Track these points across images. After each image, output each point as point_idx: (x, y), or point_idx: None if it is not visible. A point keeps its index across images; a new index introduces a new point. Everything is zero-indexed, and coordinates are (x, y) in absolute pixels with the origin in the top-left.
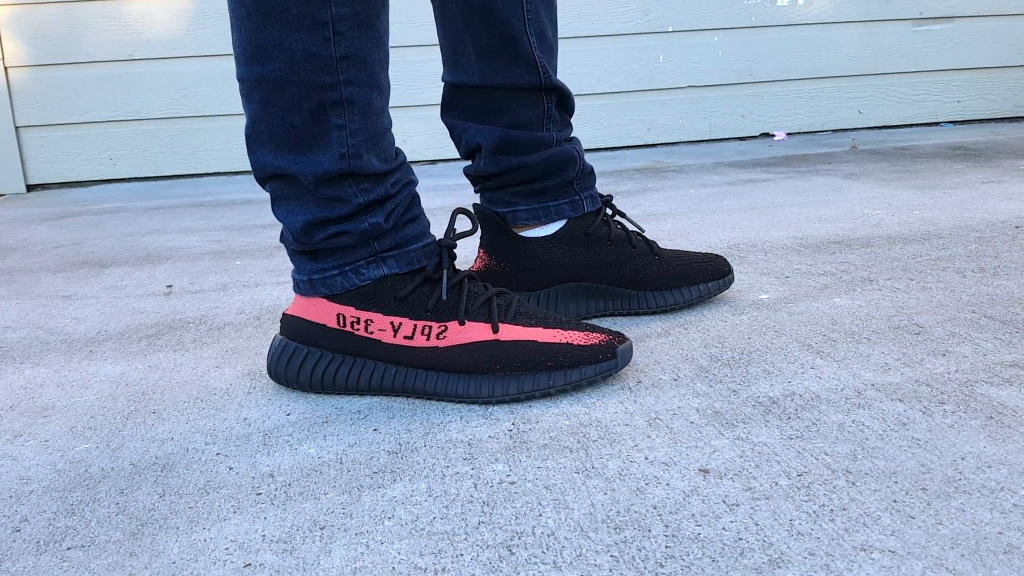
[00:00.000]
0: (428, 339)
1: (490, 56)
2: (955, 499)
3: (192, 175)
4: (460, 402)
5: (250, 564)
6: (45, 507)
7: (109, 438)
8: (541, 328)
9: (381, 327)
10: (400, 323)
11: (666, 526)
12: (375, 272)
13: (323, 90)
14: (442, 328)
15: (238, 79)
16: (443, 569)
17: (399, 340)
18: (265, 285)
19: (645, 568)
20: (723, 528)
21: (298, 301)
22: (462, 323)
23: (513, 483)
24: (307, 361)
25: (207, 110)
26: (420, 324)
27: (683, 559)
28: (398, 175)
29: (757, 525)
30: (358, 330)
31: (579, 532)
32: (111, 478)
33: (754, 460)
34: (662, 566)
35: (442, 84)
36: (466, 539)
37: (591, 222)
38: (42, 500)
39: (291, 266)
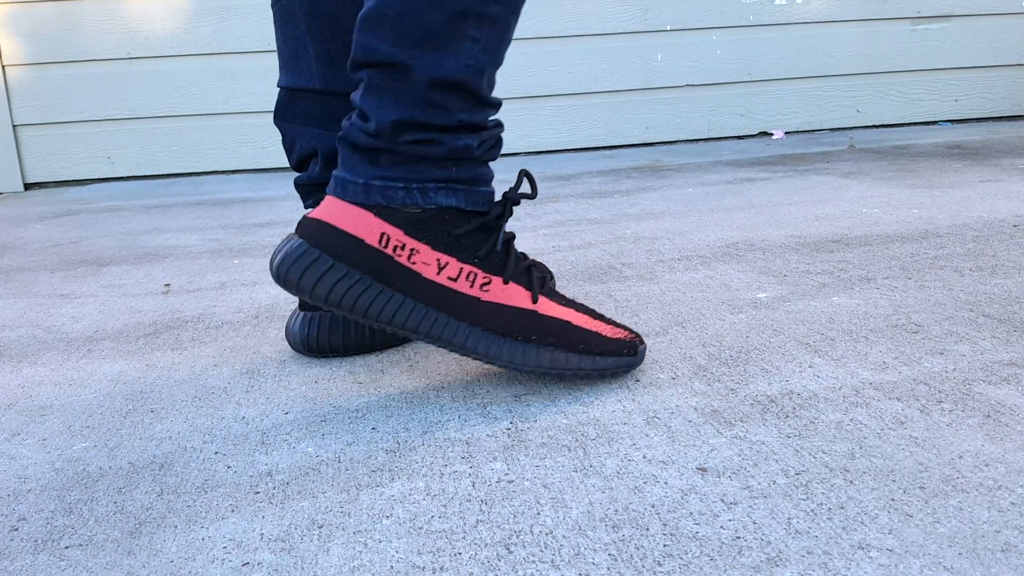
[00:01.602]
0: (472, 286)
1: (332, 62)
2: (953, 497)
3: (190, 174)
4: (487, 362)
5: (248, 563)
6: (43, 506)
7: (107, 437)
8: (574, 311)
9: (426, 260)
10: (447, 262)
11: (664, 525)
12: (443, 200)
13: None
14: (487, 280)
15: None
16: (441, 568)
17: (441, 279)
18: (264, 284)
19: (643, 566)
20: (721, 527)
21: (334, 206)
22: (506, 282)
23: (511, 482)
24: (330, 274)
25: (205, 108)
26: (467, 269)
27: (681, 557)
28: (496, 114)
29: (755, 523)
30: (400, 257)
31: (577, 531)
32: (109, 477)
33: (752, 459)
34: (660, 564)
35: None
36: (464, 538)
37: None
38: (40, 499)
39: None
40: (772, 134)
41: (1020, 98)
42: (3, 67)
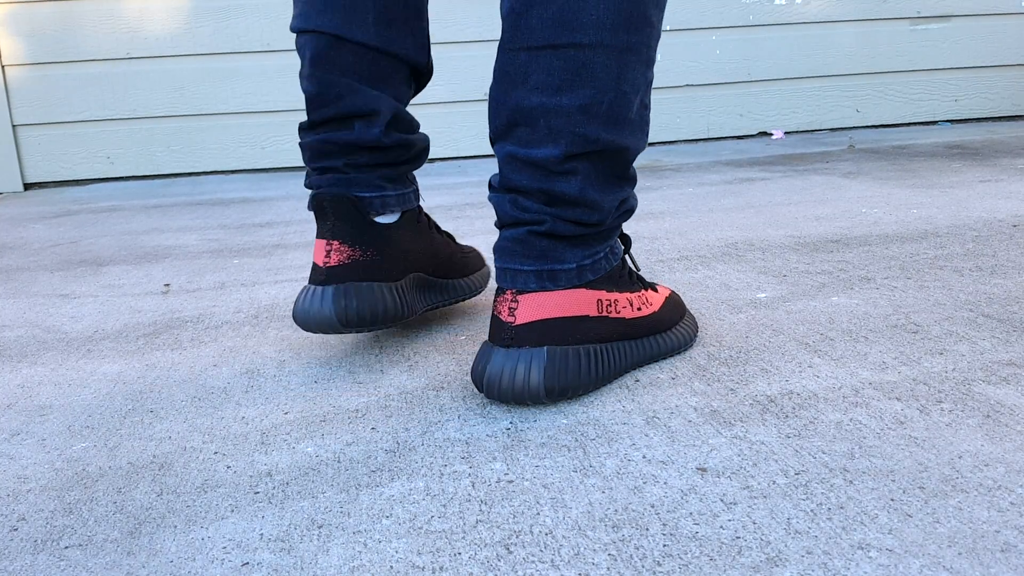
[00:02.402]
0: (643, 307)
1: (389, 22)
2: (952, 497)
3: (190, 173)
4: (671, 356)
5: (248, 563)
6: (43, 506)
7: (107, 437)
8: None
9: (623, 305)
10: (631, 298)
11: (664, 525)
12: (619, 250)
13: (647, 85)
14: (643, 295)
15: (603, 44)
16: (441, 568)
17: (634, 313)
18: (263, 284)
19: (643, 566)
20: (721, 527)
21: (548, 300)
22: (656, 290)
23: (511, 482)
24: (585, 363)
25: (205, 108)
26: (636, 296)
27: (681, 557)
28: None
29: (755, 523)
30: (611, 313)
31: (577, 531)
32: (109, 477)
33: (752, 459)
34: (660, 564)
35: (318, 35)
36: (464, 538)
37: (420, 211)
38: (40, 499)
39: (288, 265)
40: (772, 134)
41: (1020, 98)
42: (3, 67)
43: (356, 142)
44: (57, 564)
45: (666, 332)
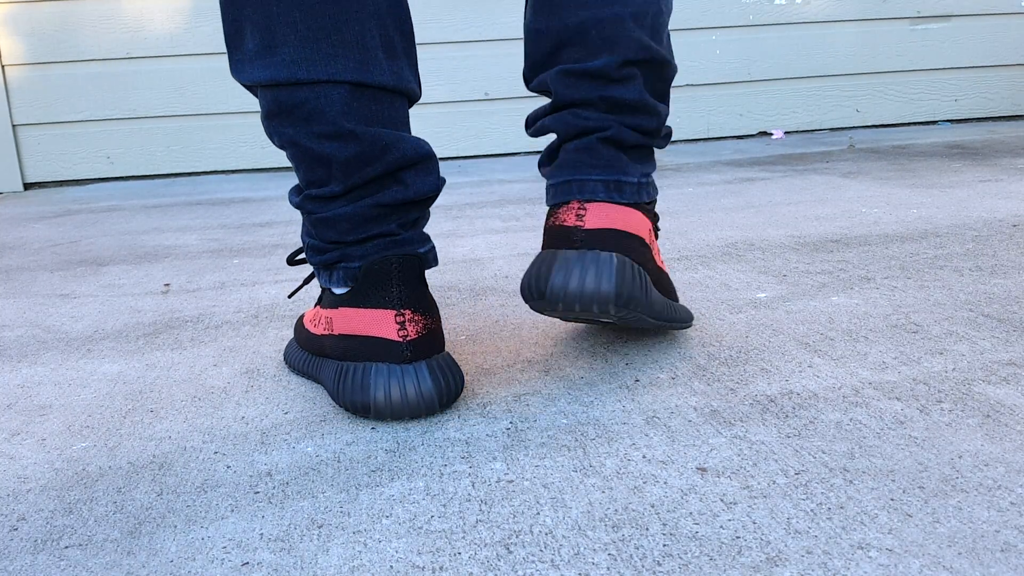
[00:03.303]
0: (663, 266)
1: (394, 56)
2: (952, 497)
3: (189, 173)
4: (679, 328)
5: (248, 563)
6: (42, 506)
7: (107, 437)
8: None
9: (656, 251)
10: (658, 250)
11: (664, 524)
12: (656, 187)
13: (670, 9)
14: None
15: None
16: (441, 567)
17: (661, 265)
18: (263, 283)
19: (643, 566)
20: (721, 526)
21: (617, 212)
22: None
23: (511, 482)
24: (643, 284)
25: (204, 108)
26: (659, 252)
27: (681, 557)
28: None
29: (755, 523)
30: (654, 250)
31: (577, 530)
32: (109, 477)
33: (752, 458)
34: (660, 564)
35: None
36: (464, 537)
37: None
38: (39, 499)
39: (286, 265)
40: (772, 134)
41: (1019, 98)
42: (3, 67)
43: (413, 198)
44: (57, 564)
45: (676, 302)
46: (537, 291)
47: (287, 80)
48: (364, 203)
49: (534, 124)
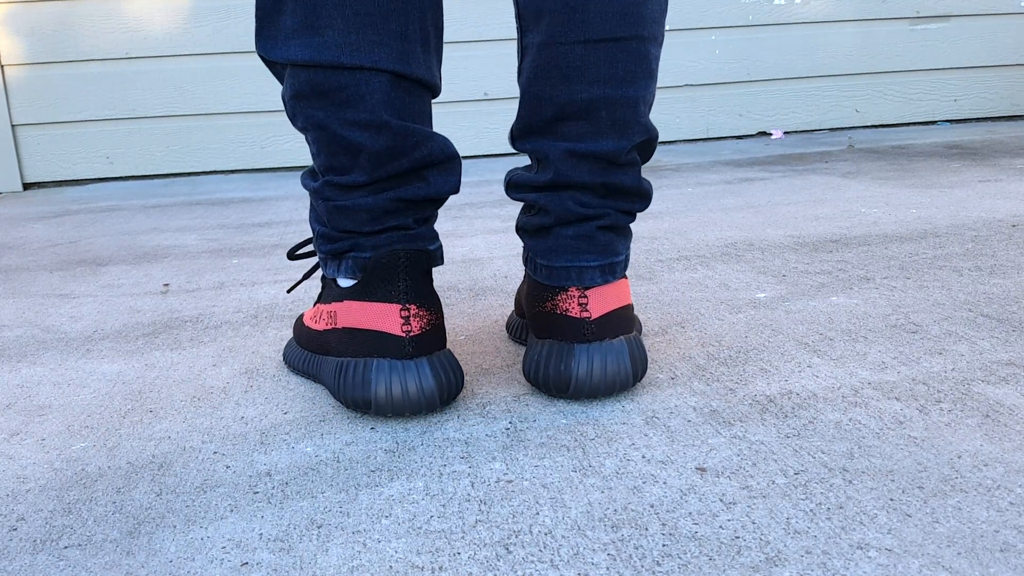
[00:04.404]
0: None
1: (428, 50)
2: (952, 497)
3: (189, 173)
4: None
5: (247, 563)
6: (42, 506)
7: (106, 437)
8: None
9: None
10: None
11: (663, 524)
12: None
13: None
14: None
15: (654, 36)
16: (440, 568)
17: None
18: (262, 284)
19: (642, 566)
20: (720, 526)
21: (612, 291)
22: None
23: (510, 482)
24: (641, 349)
25: (204, 108)
26: None
27: (680, 557)
28: None
29: (754, 523)
30: (632, 305)
31: (576, 530)
32: (108, 477)
33: (751, 458)
34: (659, 564)
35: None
36: (463, 538)
37: None
38: (39, 499)
39: (288, 265)
40: (771, 134)
41: (1019, 98)
42: (2, 67)
43: (434, 196)
44: (56, 564)
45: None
46: (560, 384)
47: (329, 63)
48: (386, 195)
49: (519, 190)
